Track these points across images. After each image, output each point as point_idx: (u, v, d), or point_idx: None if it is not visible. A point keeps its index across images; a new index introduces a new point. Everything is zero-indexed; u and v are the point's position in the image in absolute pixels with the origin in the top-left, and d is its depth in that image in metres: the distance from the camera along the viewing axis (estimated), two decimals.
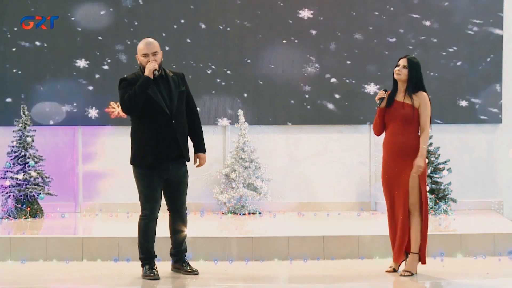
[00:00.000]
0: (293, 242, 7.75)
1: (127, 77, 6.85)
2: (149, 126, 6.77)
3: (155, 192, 6.85)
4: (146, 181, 6.83)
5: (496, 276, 7.11)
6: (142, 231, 6.89)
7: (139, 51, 6.83)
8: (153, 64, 6.73)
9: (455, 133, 9.87)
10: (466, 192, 9.77)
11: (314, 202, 9.81)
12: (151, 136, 6.77)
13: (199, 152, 7.06)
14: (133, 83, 6.75)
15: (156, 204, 6.87)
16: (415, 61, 6.97)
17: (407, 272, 6.92)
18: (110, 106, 9.63)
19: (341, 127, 9.88)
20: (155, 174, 6.82)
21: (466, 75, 9.75)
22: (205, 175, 9.64)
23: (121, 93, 6.77)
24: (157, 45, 6.85)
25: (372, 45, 9.76)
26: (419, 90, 6.93)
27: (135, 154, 6.86)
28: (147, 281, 6.81)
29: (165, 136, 6.78)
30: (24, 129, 9.24)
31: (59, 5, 9.65)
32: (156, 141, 6.77)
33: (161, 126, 6.77)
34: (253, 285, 6.88)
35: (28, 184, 9.13)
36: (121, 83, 6.83)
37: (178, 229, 7.00)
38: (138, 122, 6.83)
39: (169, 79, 6.87)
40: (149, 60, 6.76)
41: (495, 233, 7.92)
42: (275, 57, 9.77)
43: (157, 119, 6.76)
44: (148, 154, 6.78)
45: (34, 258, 7.67)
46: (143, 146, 6.81)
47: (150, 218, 6.87)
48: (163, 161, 6.79)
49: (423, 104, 6.90)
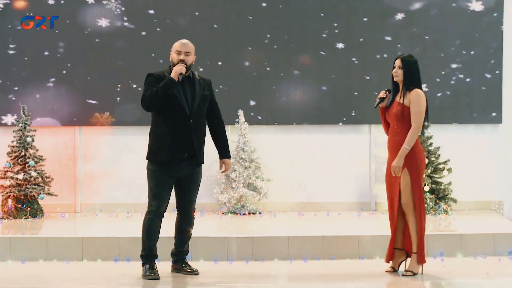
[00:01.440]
0: (293, 242, 7.76)
1: (155, 73, 6.88)
2: (167, 123, 6.80)
3: (163, 190, 6.87)
4: (157, 179, 6.85)
5: (496, 276, 7.11)
6: (145, 228, 6.90)
7: (174, 47, 6.87)
8: (181, 67, 6.75)
9: (455, 133, 9.87)
10: (466, 192, 9.77)
11: (314, 202, 9.81)
12: (167, 133, 6.80)
13: (224, 158, 7.13)
14: (159, 80, 6.78)
15: (163, 202, 6.88)
16: (410, 59, 6.92)
17: (409, 272, 6.92)
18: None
19: (341, 127, 9.88)
20: (167, 173, 6.84)
21: (467, 76, 9.75)
22: (205, 175, 9.62)
23: (145, 89, 6.80)
24: (192, 47, 6.90)
25: (373, 44, 9.76)
26: (414, 87, 6.90)
27: (151, 149, 6.90)
28: (147, 281, 6.81)
29: (180, 135, 6.80)
30: (24, 129, 9.24)
31: (59, 5, 9.66)
32: (171, 139, 6.79)
33: (178, 125, 6.80)
34: (253, 285, 6.88)
35: (28, 184, 9.13)
36: (148, 78, 6.86)
37: (184, 228, 7.01)
38: (157, 118, 6.86)
39: (195, 81, 6.90)
40: (181, 58, 6.80)
41: (495, 233, 7.92)
42: (275, 57, 9.78)
43: (176, 117, 6.79)
44: (163, 150, 6.81)
45: (34, 258, 7.67)
46: (159, 142, 6.84)
47: (156, 214, 6.88)
48: (176, 159, 6.81)
49: (413, 101, 6.83)
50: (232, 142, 9.67)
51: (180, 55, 6.83)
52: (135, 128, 9.63)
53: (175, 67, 6.78)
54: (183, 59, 6.81)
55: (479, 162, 9.89)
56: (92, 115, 9.70)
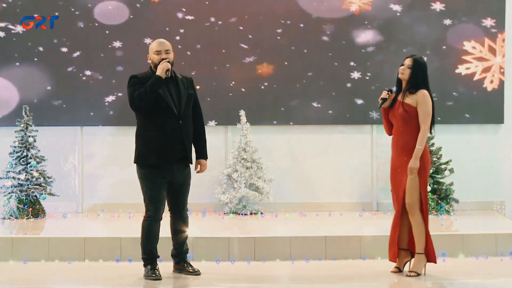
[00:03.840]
0: (295, 242, 7.75)
1: (138, 74, 6.84)
2: (156, 126, 6.76)
3: (159, 193, 6.84)
4: (151, 182, 6.82)
5: (498, 276, 7.10)
6: (145, 232, 6.89)
7: (152, 49, 6.83)
8: (166, 64, 6.73)
9: (457, 133, 9.86)
10: (468, 192, 9.76)
11: (316, 203, 9.81)
12: (157, 135, 6.76)
13: (201, 158, 7.05)
14: (143, 82, 6.74)
15: (161, 205, 6.87)
16: (421, 62, 6.92)
17: (412, 273, 6.91)
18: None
19: (343, 127, 9.87)
20: (160, 175, 6.81)
21: (469, 75, 9.75)
22: (207, 176, 9.63)
23: (130, 90, 6.75)
24: (169, 45, 6.87)
25: (375, 45, 9.76)
26: (419, 89, 6.88)
27: (139, 153, 6.85)
28: (149, 281, 6.81)
29: (171, 137, 6.77)
30: (26, 129, 9.24)
31: (59, 5, 9.67)
32: (162, 141, 6.75)
33: (168, 126, 6.76)
34: (255, 286, 6.88)
35: (30, 185, 9.14)
36: (131, 80, 6.81)
37: (179, 229, 7.00)
38: (145, 121, 6.81)
39: (178, 81, 6.87)
40: (162, 57, 6.77)
41: (497, 234, 7.92)
42: (276, 57, 9.78)
43: (165, 119, 6.75)
44: (153, 153, 6.77)
45: (36, 259, 7.67)
46: (148, 145, 6.79)
47: (154, 219, 6.87)
48: (168, 162, 6.79)
49: (420, 102, 6.83)
50: (234, 142, 9.69)
51: (161, 54, 6.79)
52: None
53: (161, 64, 6.72)
54: (165, 58, 6.79)
55: (481, 162, 9.89)
56: (94, 114, 9.70)
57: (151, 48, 6.85)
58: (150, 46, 6.87)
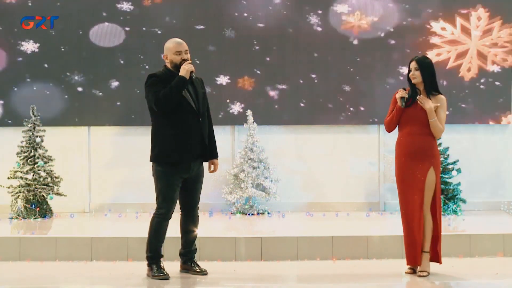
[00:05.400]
0: (301, 242, 7.76)
1: (157, 73, 6.84)
2: (177, 124, 6.77)
3: (173, 192, 6.85)
4: (167, 180, 6.83)
5: (506, 277, 7.10)
6: (154, 230, 6.90)
7: (171, 49, 6.80)
8: (191, 66, 6.74)
9: (464, 134, 9.85)
10: (476, 192, 9.76)
11: (323, 203, 9.81)
12: (178, 133, 6.77)
13: (214, 158, 7.07)
14: (163, 80, 6.75)
15: (173, 204, 6.88)
16: (426, 61, 6.92)
17: (424, 272, 6.89)
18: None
19: (349, 127, 9.87)
20: (176, 174, 6.82)
21: (476, 76, 9.74)
22: (213, 176, 9.63)
23: (152, 90, 6.73)
24: (186, 45, 6.88)
25: (378, 46, 9.76)
26: (436, 91, 6.89)
27: (159, 151, 6.84)
28: (157, 281, 6.82)
29: (193, 134, 6.80)
30: (34, 129, 9.26)
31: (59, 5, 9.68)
32: (183, 139, 6.77)
33: (189, 124, 6.79)
34: (261, 285, 6.89)
35: (37, 184, 9.15)
36: (150, 79, 6.80)
37: (189, 229, 7.02)
38: (163, 120, 6.80)
39: (192, 80, 6.89)
40: (183, 57, 6.77)
41: (504, 234, 7.90)
42: (283, 58, 9.78)
43: (186, 117, 6.78)
44: (174, 151, 6.78)
45: (43, 258, 7.69)
46: (170, 143, 6.79)
47: (165, 217, 6.88)
48: (189, 159, 6.81)
49: (441, 106, 6.88)
50: (240, 142, 9.69)
51: (181, 54, 6.81)
52: (145, 128, 9.62)
53: (185, 66, 6.73)
54: (186, 58, 6.80)
55: (488, 162, 9.87)
56: (101, 114, 9.71)
57: (169, 48, 6.83)
58: (167, 46, 6.86)
